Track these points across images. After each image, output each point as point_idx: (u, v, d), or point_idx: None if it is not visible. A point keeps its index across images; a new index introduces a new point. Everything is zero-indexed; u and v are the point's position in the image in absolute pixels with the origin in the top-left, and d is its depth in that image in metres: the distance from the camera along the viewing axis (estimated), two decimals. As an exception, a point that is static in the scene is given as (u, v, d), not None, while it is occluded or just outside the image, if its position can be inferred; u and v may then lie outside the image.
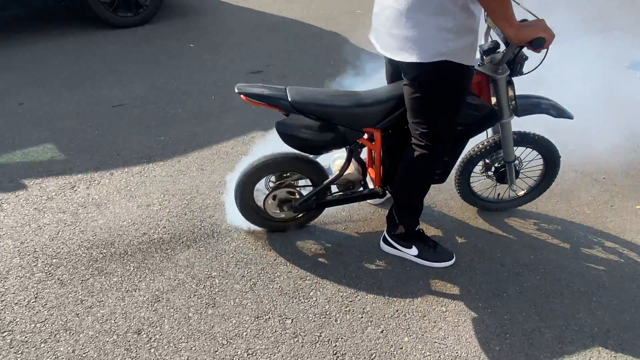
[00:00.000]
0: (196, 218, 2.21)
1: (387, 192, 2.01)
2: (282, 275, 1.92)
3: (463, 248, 2.10)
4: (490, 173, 2.18)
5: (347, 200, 2.01)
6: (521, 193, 2.26)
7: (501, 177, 2.14)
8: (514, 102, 1.80)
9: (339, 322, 1.74)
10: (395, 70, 1.73)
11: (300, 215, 2.07)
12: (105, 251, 2.01)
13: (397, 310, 1.79)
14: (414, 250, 1.98)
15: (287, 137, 1.75)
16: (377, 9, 1.55)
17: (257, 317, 1.75)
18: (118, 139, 2.80)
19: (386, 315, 1.77)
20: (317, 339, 1.68)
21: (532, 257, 2.07)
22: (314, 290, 1.86)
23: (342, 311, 1.78)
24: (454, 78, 1.51)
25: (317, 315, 1.76)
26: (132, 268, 1.93)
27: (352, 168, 1.98)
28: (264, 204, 1.97)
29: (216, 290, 1.85)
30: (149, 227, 2.14)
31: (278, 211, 2.00)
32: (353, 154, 1.91)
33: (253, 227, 2.10)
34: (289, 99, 1.68)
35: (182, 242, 2.07)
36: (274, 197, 1.96)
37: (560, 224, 2.27)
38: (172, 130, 2.90)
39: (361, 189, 2.04)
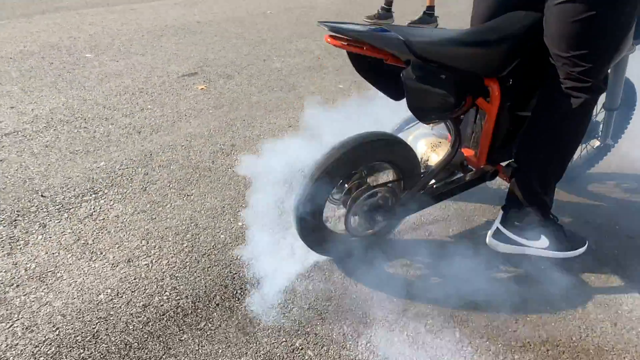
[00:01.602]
0: (217, 264, 1.42)
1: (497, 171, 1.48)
2: (398, 318, 1.26)
3: (577, 227, 1.65)
4: None
5: (456, 190, 1.42)
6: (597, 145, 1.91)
7: None
8: None
9: (525, 366, 1.14)
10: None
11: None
12: (89, 352, 1.13)
13: (578, 327, 1.26)
14: (543, 242, 1.46)
15: (414, 93, 1.12)
16: None
17: (410, 395, 1.07)
18: (32, 175, 1.83)
19: (573, 339, 1.22)
20: (517, 403, 1.06)
21: (648, 222, 1.71)
22: (457, 329, 1.23)
23: (514, 350, 1.18)
24: None
25: (490, 366, 1.14)
26: (153, 370, 1.10)
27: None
28: (346, 220, 1.29)
29: (317, 368, 1.12)
30: (148, 294, 1.30)
31: (365, 225, 1.34)
32: (455, 124, 1.34)
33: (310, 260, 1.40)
34: (404, 40, 1.06)
35: (216, 304, 1.28)
36: (362, 207, 1.29)
37: (633, 180, 1.98)
38: (112, 153, 2.01)
39: (461, 173, 1.47)
